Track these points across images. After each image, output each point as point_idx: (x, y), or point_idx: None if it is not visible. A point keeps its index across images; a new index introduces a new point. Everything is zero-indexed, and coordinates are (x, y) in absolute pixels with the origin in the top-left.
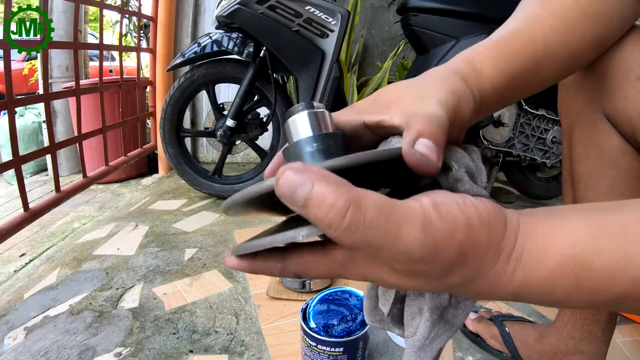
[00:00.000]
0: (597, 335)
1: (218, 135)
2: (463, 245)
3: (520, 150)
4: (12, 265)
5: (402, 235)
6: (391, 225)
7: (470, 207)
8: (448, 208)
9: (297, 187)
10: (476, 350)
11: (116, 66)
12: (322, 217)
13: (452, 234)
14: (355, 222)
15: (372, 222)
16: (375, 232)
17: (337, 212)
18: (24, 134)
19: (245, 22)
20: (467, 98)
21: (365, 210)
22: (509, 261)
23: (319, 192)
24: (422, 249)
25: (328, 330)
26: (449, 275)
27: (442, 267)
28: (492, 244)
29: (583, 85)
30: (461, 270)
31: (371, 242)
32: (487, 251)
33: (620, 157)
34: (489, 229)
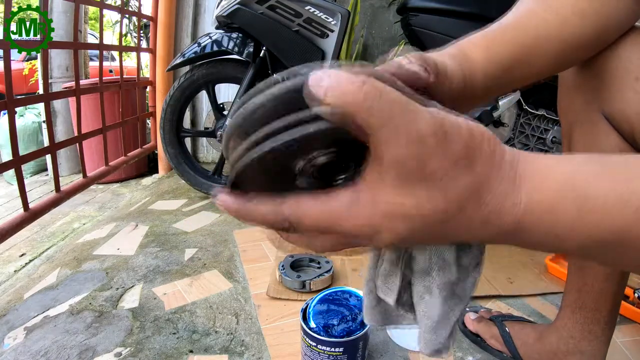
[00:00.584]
0: (597, 334)
1: (218, 135)
2: (468, 145)
3: None
4: (12, 265)
5: (419, 118)
6: (410, 107)
7: (471, 122)
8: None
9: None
10: (476, 350)
11: (116, 66)
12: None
13: (459, 133)
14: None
15: (391, 97)
16: (393, 108)
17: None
18: (24, 134)
19: (245, 22)
20: (452, 69)
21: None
22: (513, 182)
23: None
24: (435, 134)
25: (328, 330)
26: (457, 176)
27: (451, 163)
28: (495, 156)
29: (582, 86)
30: (468, 172)
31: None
32: (491, 161)
33: None
34: (489, 143)
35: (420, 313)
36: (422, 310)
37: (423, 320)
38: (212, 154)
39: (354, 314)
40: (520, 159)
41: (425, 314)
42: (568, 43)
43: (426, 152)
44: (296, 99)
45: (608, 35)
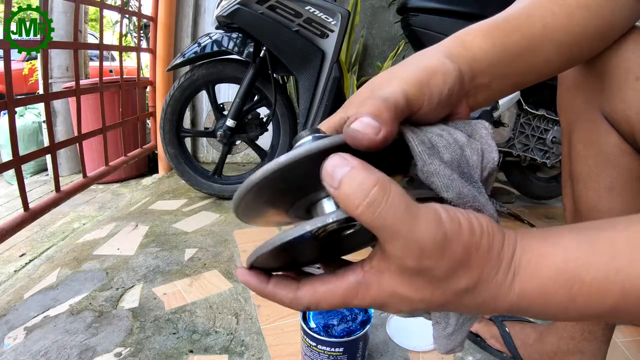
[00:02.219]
0: (597, 334)
1: (218, 135)
2: (467, 246)
3: (520, 150)
4: (12, 265)
5: (418, 224)
6: (410, 213)
7: (472, 216)
8: (454, 212)
9: (338, 167)
10: (476, 350)
11: (116, 66)
12: (350, 193)
13: (459, 233)
14: (379, 199)
15: (394, 204)
16: (395, 214)
17: (364, 189)
18: (24, 134)
19: (245, 22)
20: (443, 71)
21: (390, 192)
22: (507, 273)
23: (353, 173)
24: (434, 240)
25: (328, 331)
26: (454, 277)
27: (449, 265)
28: (493, 252)
29: (583, 85)
30: (465, 273)
31: (391, 224)
32: (488, 258)
33: (619, 157)
34: (488, 237)
35: (437, 322)
36: (439, 320)
37: (440, 324)
38: (212, 154)
39: (354, 314)
40: (517, 248)
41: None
42: (574, 36)
43: (425, 257)
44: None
45: (612, 31)
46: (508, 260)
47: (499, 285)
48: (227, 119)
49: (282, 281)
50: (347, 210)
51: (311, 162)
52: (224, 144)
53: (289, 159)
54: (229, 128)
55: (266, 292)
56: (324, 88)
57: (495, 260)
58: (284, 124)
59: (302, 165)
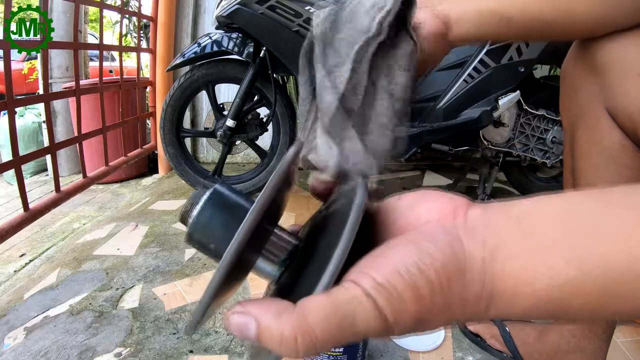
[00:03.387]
0: (598, 333)
1: (218, 136)
2: (418, 315)
3: (520, 151)
4: (12, 265)
5: (357, 330)
6: (344, 327)
7: (416, 276)
8: (392, 285)
9: (244, 330)
10: (476, 350)
11: (116, 66)
12: (279, 351)
13: (403, 311)
14: (309, 345)
15: (324, 337)
16: (331, 342)
17: (289, 344)
18: (24, 134)
19: (245, 22)
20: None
21: (313, 331)
22: (479, 303)
23: (263, 327)
24: (379, 331)
25: None
26: (417, 329)
27: (406, 331)
28: (452, 302)
29: (585, 82)
30: (426, 326)
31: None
32: (447, 307)
33: (621, 153)
34: (441, 291)
35: None
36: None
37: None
38: (212, 154)
39: None
40: (486, 280)
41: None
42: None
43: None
44: None
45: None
46: (476, 294)
47: (471, 314)
48: (227, 119)
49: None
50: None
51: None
52: (224, 144)
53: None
54: (229, 128)
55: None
56: None
57: (458, 304)
58: (284, 124)
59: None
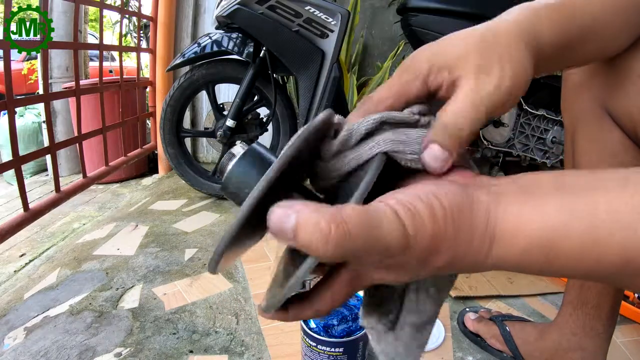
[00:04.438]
0: (598, 331)
1: (218, 136)
2: (433, 236)
3: (520, 150)
4: (12, 265)
5: (382, 236)
6: (372, 230)
7: (432, 199)
8: (412, 205)
9: (284, 219)
10: (476, 350)
11: (116, 66)
12: (311, 241)
13: (421, 227)
14: (342, 236)
15: (356, 232)
16: (359, 240)
17: (323, 233)
18: (24, 134)
19: (245, 22)
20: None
21: (347, 224)
22: (482, 242)
23: (302, 217)
24: (399, 243)
25: (328, 331)
26: (429, 262)
27: (420, 256)
28: (461, 231)
29: (587, 82)
30: (438, 256)
31: (358, 250)
32: (456, 238)
33: (622, 153)
34: (453, 220)
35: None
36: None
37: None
38: (212, 154)
39: (354, 314)
40: (491, 216)
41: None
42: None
43: (396, 257)
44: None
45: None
46: (481, 230)
47: (475, 255)
48: (227, 119)
49: (297, 307)
50: (315, 255)
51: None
52: (224, 144)
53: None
54: (229, 128)
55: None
56: (324, 88)
57: (465, 237)
58: (284, 124)
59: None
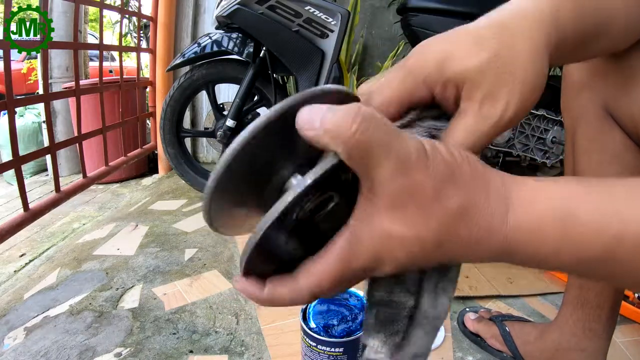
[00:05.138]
0: (598, 332)
1: (218, 136)
2: (448, 164)
3: (520, 150)
4: (12, 265)
5: (402, 137)
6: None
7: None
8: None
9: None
10: (476, 350)
11: (116, 66)
12: (338, 123)
13: (438, 150)
14: (368, 117)
15: (381, 120)
16: (384, 128)
17: (351, 114)
18: (24, 134)
19: (245, 22)
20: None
21: (372, 111)
22: (500, 203)
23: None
24: (418, 152)
25: (328, 331)
26: (444, 196)
27: (435, 181)
28: (477, 175)
29: (587, 82)
30: (454, 190)
31: (382, 138)
32: (472, 179)
33: (623, 153)
34: (470, 164)
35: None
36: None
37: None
38: (212, 154)
39: (354, 314)
40: (507, 181)
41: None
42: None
43: (412, 169)
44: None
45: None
46: (497, 188)
47: (491, 214)
48: (227, 119)
49: (277, 279)
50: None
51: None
52: (224, 144)
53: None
54: (229, 128)
55: (264, 297)
56: None
57: (482, 184)
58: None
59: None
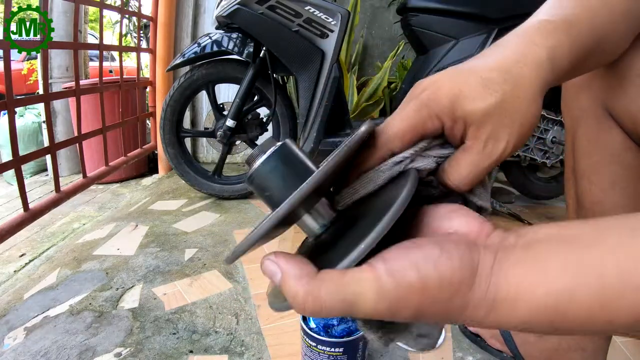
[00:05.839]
0: None
1: (218, 136)
2: (419, 306)
3: (520, 150)
4: (12, 265)
5: (359, 306)
6: (347, 303)
7: (429, 269)
8: (403, 274)
9: (272, 276)
10: (476, 350)
11: (116, 66)
12: (291, 302)
13: (406, 299)
14: (315, 308)
15: (329, 306)
16: (334, 312)
17: (299, 303)
18: (24, 134)
19: (245, 22)
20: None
21: (322, 300)
22: (479, 308)
23: (285, 281)
24: (378, 313)
25: (328, 331)
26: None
27: (405, 320)
28: (456, 298)
29: (587, 82)
30: (426, 319)
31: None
32: (449, 305)
33: (622, 152)
34: (450, 287)
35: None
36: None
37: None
38: (212, 154)
39: None
40: (492, 282)
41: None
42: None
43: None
44: None
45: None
46: (479, 297)
47: (469, 317)
48: (227, 119)
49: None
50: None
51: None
52: (224, 144)
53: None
54: (228, 128)
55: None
56: (323, 88)
57: (460, 304)
58: (284, 124)
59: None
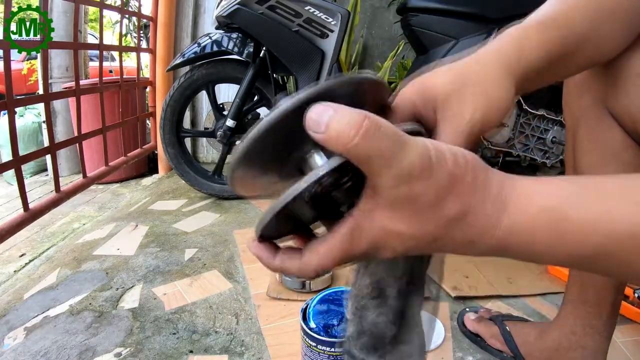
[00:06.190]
0: (599, 330)
1: (218, 136)
2: (451, 175)
3: (520, 150)
4: (12, 265)
5: (408, 147)
6: (400, 140)
7: (457, 151)
8: (439, 145)
9: (322, 113)
10: (476, 350)
11: (116, 66)
12: (341, 129)
13: (444, 162)
14: (372, 128)
15: (386, 130)
16: (387, 139)
17: (355, 122)
18: (24, 134)
19: (245, 22)
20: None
21: (379, 121)
22: (495, 206)
23: (339, 113)
24: (421, 164)
25: (328, 331)
26: (443, 204)
27: (436, 191)
28: (477, 183)
29: (588, 82)
30: (453, 200)
31: (384, 150)
32: (472, 188)
33: (623, 152)
34: (473, 170)
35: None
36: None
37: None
38: (212, 154)
39: None
40: (505, 184)
41: None
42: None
43: (414, 180)
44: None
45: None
46: (495, 193)
47: (487, 217)
48: (227, 119)
49: (288, 253)
50: (340, 147)
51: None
52: (224, 144)
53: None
54: (228, 128)
55: (275, 266)
56: None
57: (481, 191)
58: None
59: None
